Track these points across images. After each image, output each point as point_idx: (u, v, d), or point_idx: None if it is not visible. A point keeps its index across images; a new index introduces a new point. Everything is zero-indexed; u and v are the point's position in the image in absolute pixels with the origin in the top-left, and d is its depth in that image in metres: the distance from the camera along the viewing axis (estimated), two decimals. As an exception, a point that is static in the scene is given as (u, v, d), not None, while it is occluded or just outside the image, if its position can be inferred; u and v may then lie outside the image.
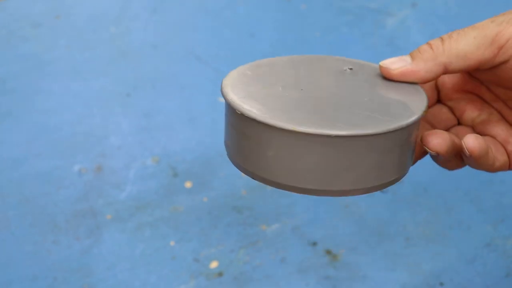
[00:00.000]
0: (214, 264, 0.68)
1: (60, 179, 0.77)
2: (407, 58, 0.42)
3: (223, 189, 0.76)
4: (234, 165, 0.41)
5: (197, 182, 0.77)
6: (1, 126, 0.84)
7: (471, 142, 0.41)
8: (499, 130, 0.46)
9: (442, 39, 0.41)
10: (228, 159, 0.42)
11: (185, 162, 0.79)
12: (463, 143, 0.41)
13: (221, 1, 1.06)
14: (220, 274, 0.67)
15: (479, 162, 0.43)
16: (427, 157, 0.47)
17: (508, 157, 0.45)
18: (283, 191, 0.41)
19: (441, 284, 0.66)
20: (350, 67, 0.44)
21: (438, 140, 0.42)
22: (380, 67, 0.42)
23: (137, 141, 0.82)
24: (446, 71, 0.42)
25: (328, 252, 0.69)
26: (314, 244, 0.70)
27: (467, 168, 0.76)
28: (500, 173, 0.76)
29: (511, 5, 0.99)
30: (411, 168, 0.45)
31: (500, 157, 0.44)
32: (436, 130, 0.42)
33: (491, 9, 0.96)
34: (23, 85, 0.91)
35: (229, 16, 1.02)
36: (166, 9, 1.05)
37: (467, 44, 0.40)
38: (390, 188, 0.75)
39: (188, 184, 0.77)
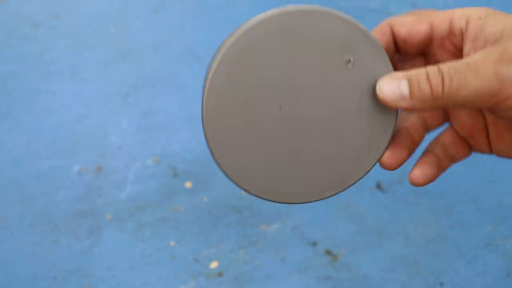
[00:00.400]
0: (214, 264, 0.68)
1: (60, 179, 0.77)
2: (404, 87, 0.41)
3: (223, 189, 0.76)
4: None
5: (197, 182, 0.77)
6: (1, 126, 0.84)
7: (415, 176, 0.45)
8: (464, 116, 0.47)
9: (443, 81, 0.40)
10: None
11: (185, 162, 0.79)
12: (409, 176, 0.45)
13: (221, 1, 1.06)
14: (220, 274, 0.67)
15: None
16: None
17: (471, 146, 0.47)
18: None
19: (441, 284, 0.66)
20: (349, 58, 0.43)
21: (394, 160, 0.44)
22: (377, 95, 0.42)
23: (137, 141, 0.82)
24: (439, 110, 0.44)
25: (328, 252, 0.69)
26: (314, 244, 0.70)
27: (467, 168, 0.76)
28: (500, 173, 0.76)
29: (511, 5, 0.99)
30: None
31: (461, 151, 0.47)
32: (394, 150, 0.44)
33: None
34: (23, 85, 0.91)
35: (229, 16, 1.02)
36: (166, 9, 1.05)
37: (467, 95, 0.40)
38: (390, 188, 0.76)
39: (188, 184, 0.77)
